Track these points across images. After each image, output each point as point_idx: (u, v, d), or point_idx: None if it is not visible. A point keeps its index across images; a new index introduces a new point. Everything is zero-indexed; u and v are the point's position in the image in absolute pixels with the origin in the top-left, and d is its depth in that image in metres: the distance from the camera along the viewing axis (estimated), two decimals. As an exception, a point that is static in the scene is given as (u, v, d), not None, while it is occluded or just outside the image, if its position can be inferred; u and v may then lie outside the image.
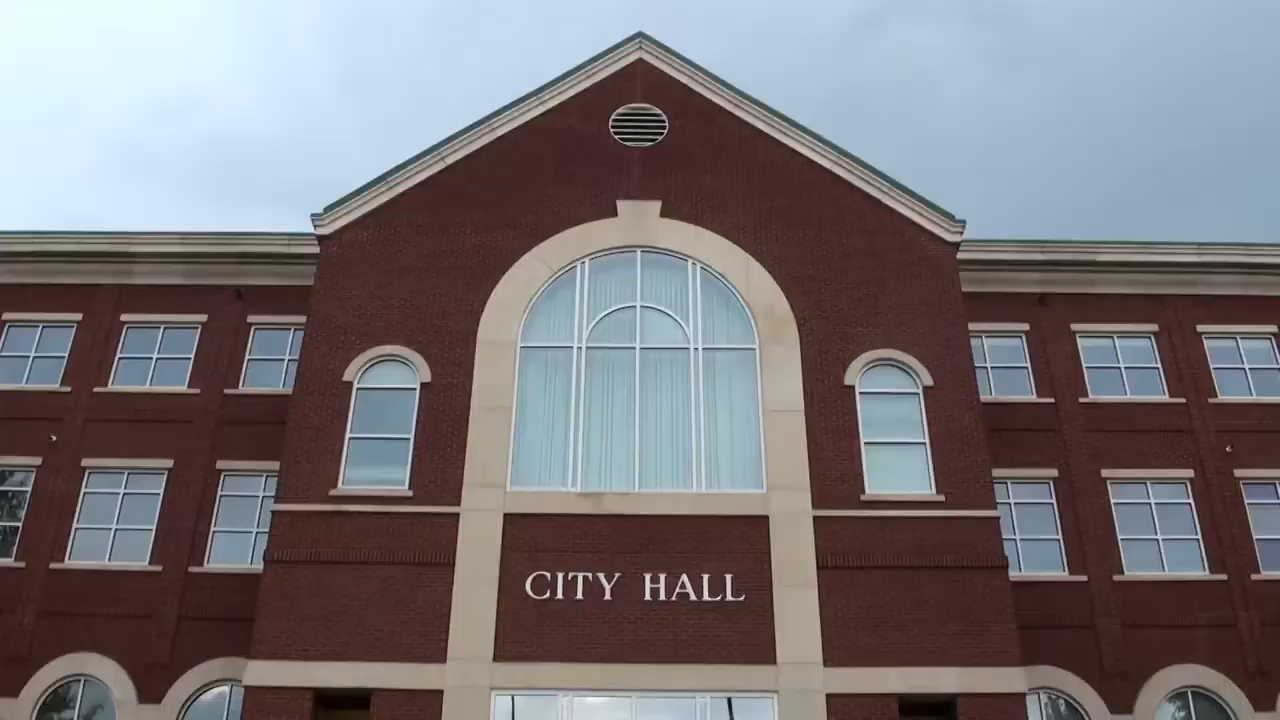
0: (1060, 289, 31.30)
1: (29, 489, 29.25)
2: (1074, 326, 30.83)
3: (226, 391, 30.00)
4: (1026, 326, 30.84)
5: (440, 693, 23.44)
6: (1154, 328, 30.97)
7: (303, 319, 28.18)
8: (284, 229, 31.75)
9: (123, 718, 26.38)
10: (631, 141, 29.73)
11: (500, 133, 29.85)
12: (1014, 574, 25.74)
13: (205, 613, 27.16)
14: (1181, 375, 30.26)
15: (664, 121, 30.01)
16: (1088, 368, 30.43)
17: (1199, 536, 28.45)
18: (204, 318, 31.04)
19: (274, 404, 28.87)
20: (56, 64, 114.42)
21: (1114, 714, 26.27)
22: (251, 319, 31.04)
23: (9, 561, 28.29)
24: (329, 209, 28.35)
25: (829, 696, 23.40)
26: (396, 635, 23.99)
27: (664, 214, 28.57)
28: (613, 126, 29.97)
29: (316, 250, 28.44)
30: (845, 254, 28.05)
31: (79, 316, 31.22)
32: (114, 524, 28.72)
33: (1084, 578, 27.56)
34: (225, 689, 26.56)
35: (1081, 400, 29.78)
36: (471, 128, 29.70)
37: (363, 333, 27.06)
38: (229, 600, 26.79)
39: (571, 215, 28.53)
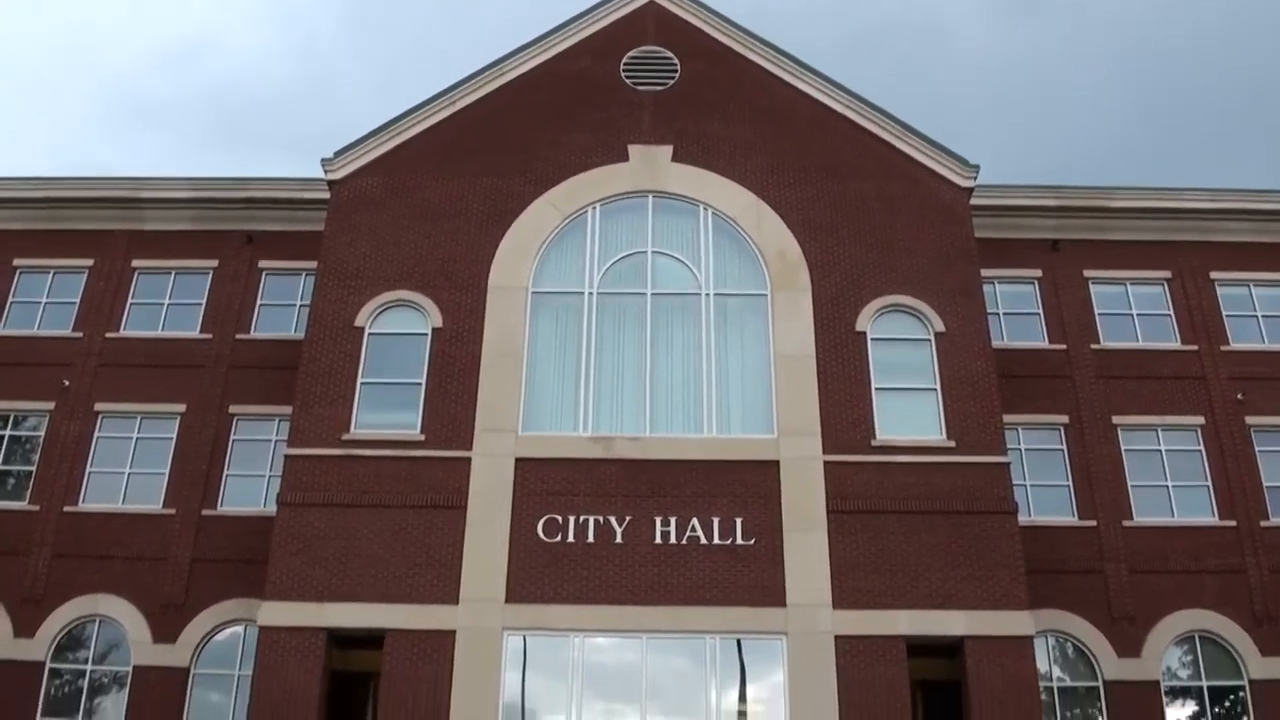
0: (1073, 235, 31.14)
1: (42, 433, 29.41)
2: (1087, 273, 30.71)
3: (238, 337, 30.06)
4: (1039, 273, 30.72)
5: (453, 633, 23.69)
6: (1167, 274, 30.86)
7: (313, 264, 28.20)
8: (294, 174, 31.59)
9: (138, 657, 26.65)
10: (643, 85, 29.54)
11: (510, 77, 29.69)
12: (1023, 519, 25.81)
13: (218, 555, 27.38)
14: (1194, 322, 30.18)
15: (675, 65, 29.80)
16: (1100, 314, 30.34)
17: (1209, 483, 28.49)
18: (215, 263, 31.04)
19: (285, 349, 28.90)
20: (62, 11, 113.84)
21: (1121, 658, 26.44)
22: (262, 264, 31.04)
23: (23, 505, 28.52)
24: (339, 154, 28.28)
25: (837, 638, 23.61)
26: (409, 577, 24.20)
27: (675, 159, 28.44)
28: (624, 70, 29.78)
29: (327, 196, 28.38)
30: (858, 199, 27.93)
31: (90, 262, 31.24)
32: (127, 468, 28.89)
33: (1093, 523, 27.64)
34: (239, 629, 26.82)
35: (1093, 347, 29.72)
36: (481, 72, 29.53)
37: (374, 278, 27.07)
38: (242, 543, 26.98)
39: (582, 160, 28.41)
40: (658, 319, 26.73)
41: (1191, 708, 26.62)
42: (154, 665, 26.59)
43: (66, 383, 29.60)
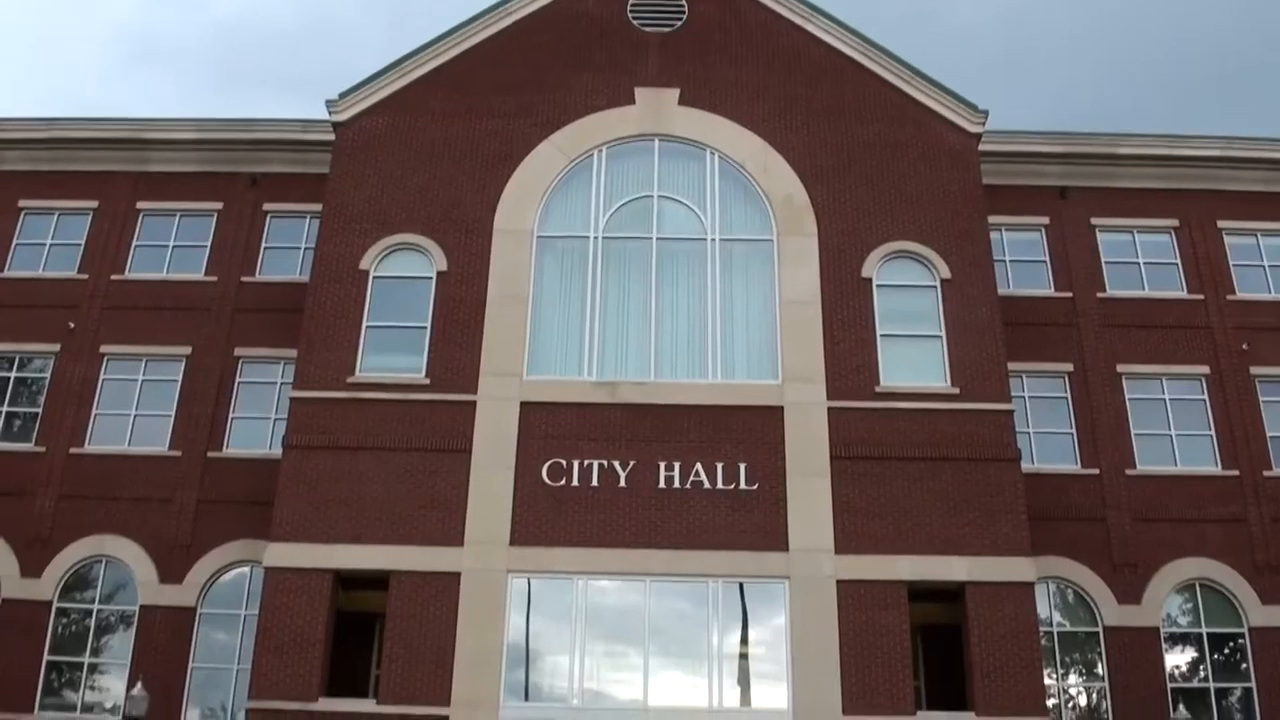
0: (1081, 182, 30.94)
1: (48, 375, 29.43)
2: (1094, 220, 30.53)
3: (243, 279, 29.98)
4: (1046, 220, 30.55)
5: (457, 575, 23.87)
6: (1174, 223, 30.68)
7: (319, 207, 28.10)
8: (299, 116, 31.38)
9: (145, 597, 26.85)
10: (650, 27, 29.28)
11: (516, 17, 29.41)
12: (1026, 467, 25.84)
13: (224, 496, 27.45)
14: (1200, 271, 30.05)
15: (683, 6, 29.51)
16: (1106, 262, 30.19)
17: (1212, 432, 28.48)
18: (220, 205, 30.90)
19: (291, 292, 28.84)
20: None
21: (1121, 604, 26.58)
22: (267, 207, 30.89)
23: (29, 446, 28.59)
24: (344, 95, 28.12)
25: (839, 583, 23.79)
26: (414, 519, 24.34)
27: (682, 102, 28.25)
28: (630, 11, 29.48)
29: (332, 137, 28.24)
30: (865, 144, 27.75)
31: (95, 204, 31.13)
32: (133, 410, 28.94)
33: (1096, 471, 27.69)
34: (245, 570, 26.97)
35: (1099, 295, 29.60)
36: (487, 12, 29.27)
37: (379, 221, 27.00)
38: (248, 485, 27.02)
39: (588, 102, 28.22)
40: (663, 264, 26.69)
41: (1191, 654, 26.80)
42: (161, 605, 26.76)
43: (72, 325, 29.59)
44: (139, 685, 23.07)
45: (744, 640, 24.12)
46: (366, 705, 23.34)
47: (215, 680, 26.34)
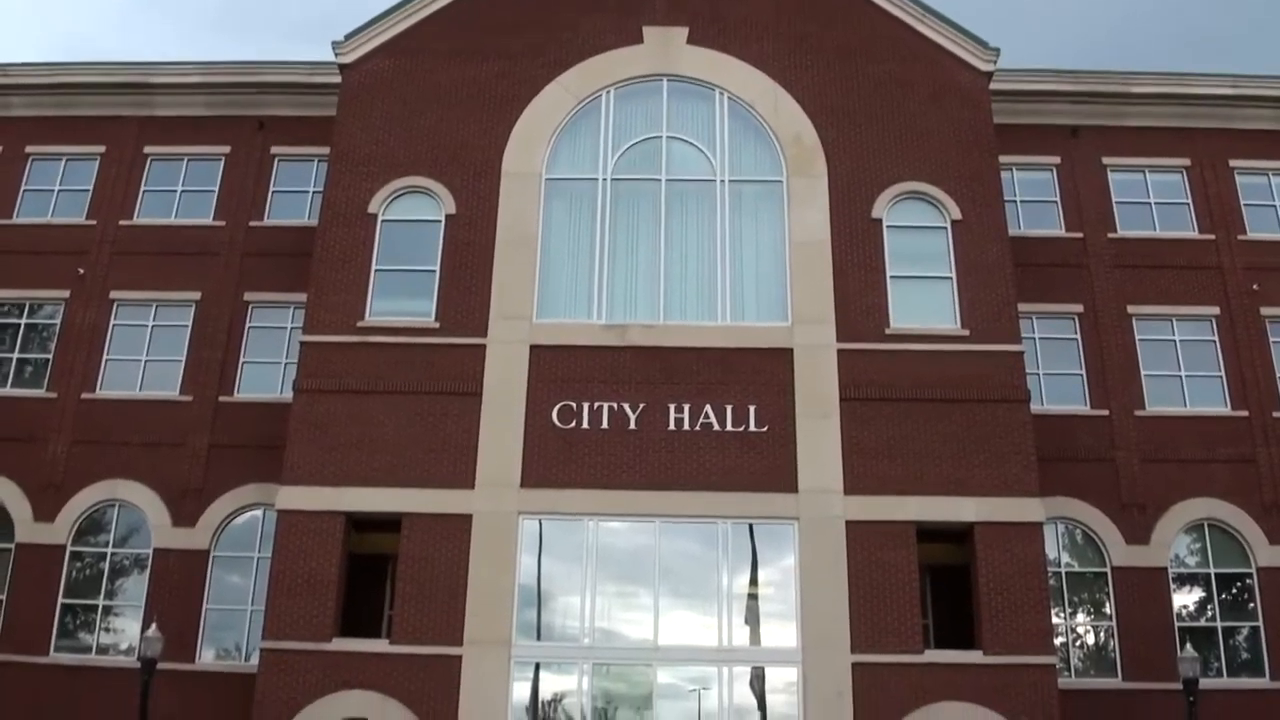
0: (1092, 121, 30.67)
1: (58, 321, 29.49)
2: (1105, 160, 30.31)
3: (251, 224, 29.92)
4: (1057, 159, 30.34)
5: (469, 517, 24.00)
6: (1185, 162, 30.45)
7: (326, 150, 27.97)
8: (305, 58, 31.17)
9: (158, 540, 27.07)
10: (658, -36, 28.89)
11: (523, -43, 29.07)
12: (1035, 408, 25.83)
13: (236, 441, 27.59)
14: (1211, 211, 29.88)
15: (691, -57, 29.11)
16: (1117, 202, 30.01)
17: (1222, 373, 28.46)
18: (227, 149, 30.77)
19: (299, 236, 28.75)
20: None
21: (1129, 544, 26.70)
22: (275, 150, 30.76)
23: (40, 392, 28.71)
24: (350, 36, 27.88)
25: (848, 524, 23.90)
26: (426, 462, 24.44)
27: (691, 41, 27.95)
28: (638, -51, 29.09)
29: (338, 80, 28.05)
30: (876, 83, 27.50)
31: (102, 149, 31.03)
32: (144, 355, 29.01)
33: (1105, 412, 27.70)
34: (258, 513, 27.15)
35: (1110, 235, 29.45)
36: (494, -48, 28.92)
37: (386, 164, 26.89)
38: (259, 429, 27.16)
39: (596, 42, 27.93)
40: (672, 205, 26.58)
41: (1198, 594, 26.95)
42: (174, 548, 26.99)
43: (81, 271, 29.61)
44: (153, 627, 23.25)
45: (753, 580, 24.27)
46: (379, 645, 23.55)
47: (229, 622, 26.63)
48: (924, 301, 25.74)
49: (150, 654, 22.68)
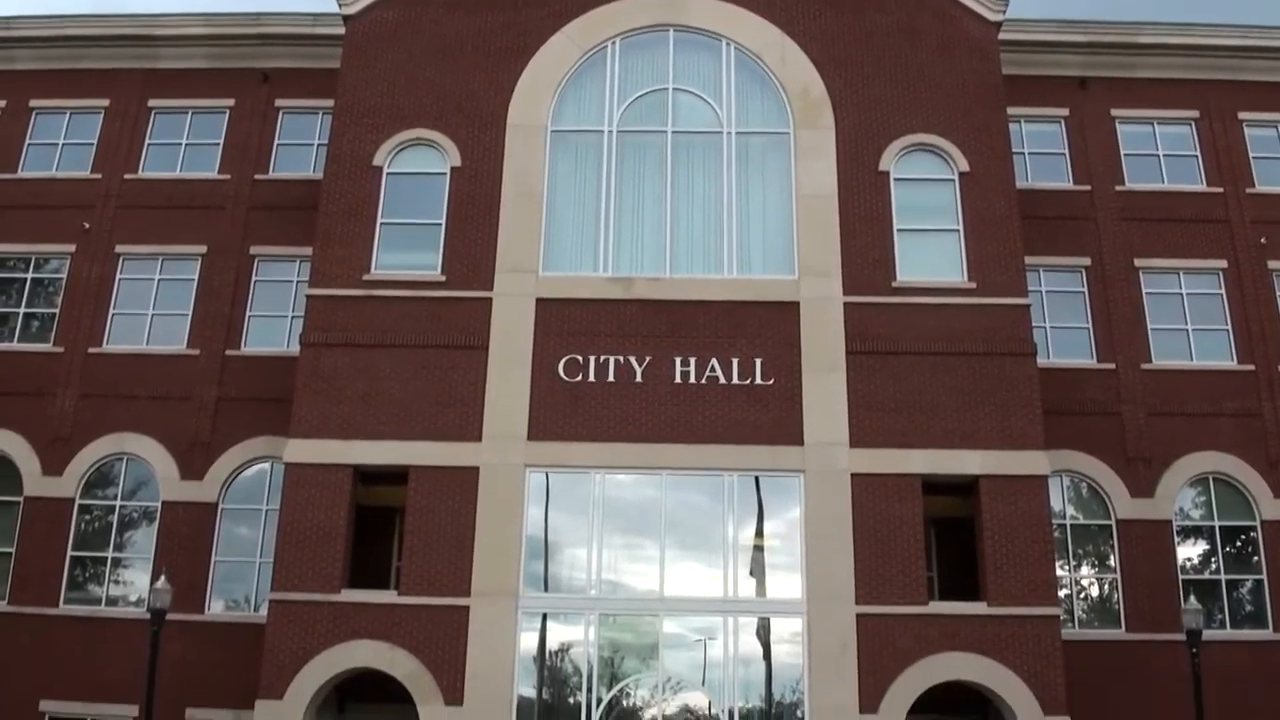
0: (1101, 73, 30.33)
1: (64, 276, 29.44)
2: (1114, 112, 30.01)
3: (257, 177, 29.75)
4: (1066, 111, 30.04)
5: (476, 469, 24.11)
6: (1194, 114, 30.17)
7: (330, 102, 27.80)
8: (309, 9, 30.90)
9: (166, 493, 27.17)
10: (663, -90, 28.54)
11: (528, -96, 28.75)
12: (1042, 361, 25.79)
13: (243, 394, 27.62)
14: (1220, 164, 29.66)
15: (697, -111, 28.76)
16: (1126, 155, 29.77)
17: (1229, 327, 28.36)
18: (231, 102, 30.56)
19: (305, 189, 28.62)
20: None
21: (1135, 498, 26.74)
22: (279, 103, 30.53)
23: (47, 347, 28.73)
24: (353, -13, 27.68)
25: (854, 476, 23.99)
26: (432, 415, 24.52)
27: (698, -10, 27.65)
28: (644, -106, 28.73)
29: (342, 31, 27.81)
30: (884, 33, 27.23)
31: (106, 102, 30.85)
32: (150, 309, 28.99)
33: (1112, 365, 27.66)
34: (266, 466, 27.23)
35: (1118, 188, 29.25)
36: (499, -101, 28.60)
37: (391, 116, 26.77)
38: (267, 382, 27.17)
39: (601, -9, 27.66)
40: (678, 158, 26.47)
41: (1203, 546, 27.03)
42: (182, 501, 27.10)
43: (87, 225, 29.54)
44: (162, 578, 23.39)
45: (759, 533, 24.40)
46: (387, 596, 23.73)
47: (238, 573, 26.79)
48: (931, 254, 25.68)
49: (159, 605, 22.84)
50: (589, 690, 23.27)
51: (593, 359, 24.88)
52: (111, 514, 27.55)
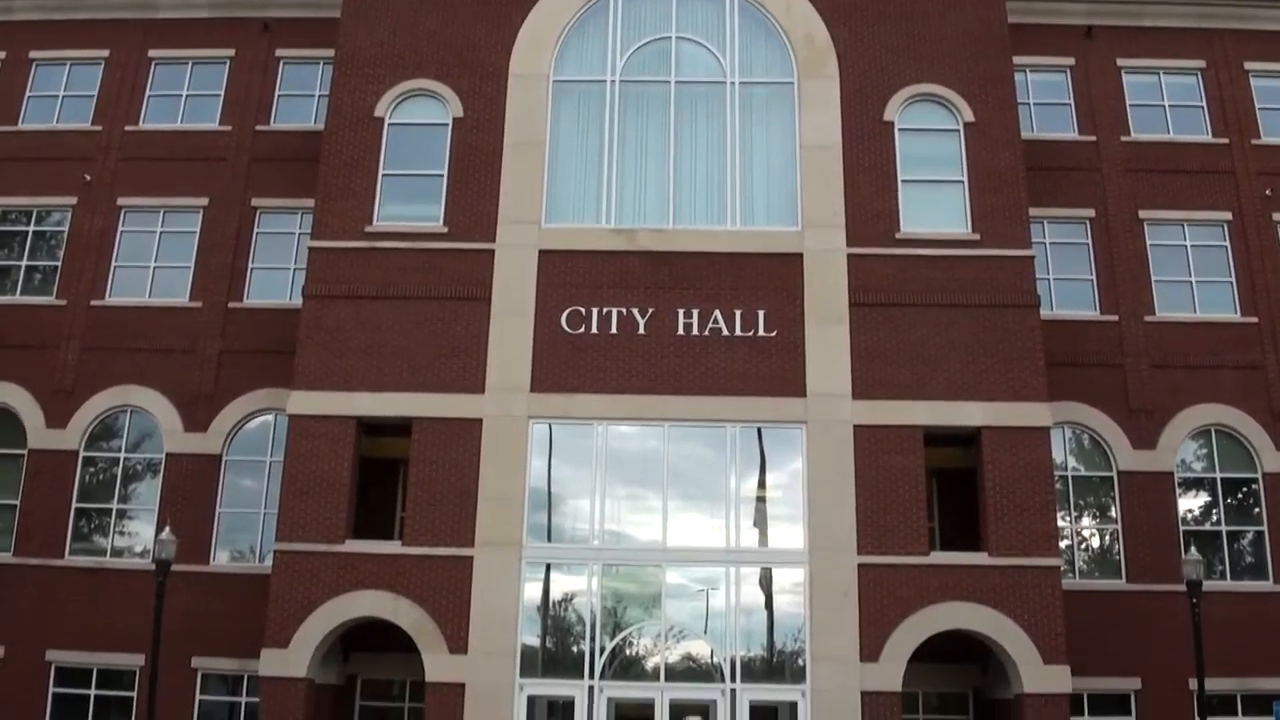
0: (1107, 21, 29.96)
1: (66, 228, 29.35)
2: (1120, 62, 29.70)
3: (258, 128, 29.55)
4: (1071, 61, 29.73)
5: (479, 421, 24.17)
6: (1201, 64, 29.85)
7: (331, 52, 27.66)
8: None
9: (170, 445, 27.22)
10: None
11: None
12: (1045, 313, 25.86)
13: (246, 346, 27.60)
14: (1226, 115, 29.42)
15: None
16: (1131, 105, 29.49)
17: (1233, 279, 28.25)
18: (231, 52, 30.27)
19: (306, 140, 28.54)
20: None
21: (1136, 449, 26.75)
22: (280, 53, 30.24)
23: (50, 299, 28.67)
24: (353, -65, 27.41)
25: (856, 428, 24.04)
26: (435, 367, 24.56)
27: (701, -63, 27.39)
28: None
29: (342, -20, 27.63)
30: (890, -21, 26.98)
31: (106, 53, 30.63)
32: (152, 261, 28.90)
33: (1115, 317, 27.58)
34: (269, 418, 27.25)
35: (1123, 139, 29.05)
36: None
37: (392, 66, 26.63)
38: (269, 335, 27.19)
39: (605, -62, 27.44)
40: (682, 108, 26.33)
41: (1204, 498, 27.06)
42: (186, 453, 27.15)
43: (88, 177, 29.43)
44: (167, 530, 23.45)
45: (762, 484, 24.46)
46: (392, 547, 23.84)
47: (243, 524, 26.87)
48: (935, 205, 25.61)
49: (164, 556, 22.93)
50: (592, 639, 23.44)
51: (595, 311, 24.86)
52: (115, 466, 27.60)
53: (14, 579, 26.43)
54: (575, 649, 23.53)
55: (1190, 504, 26.98)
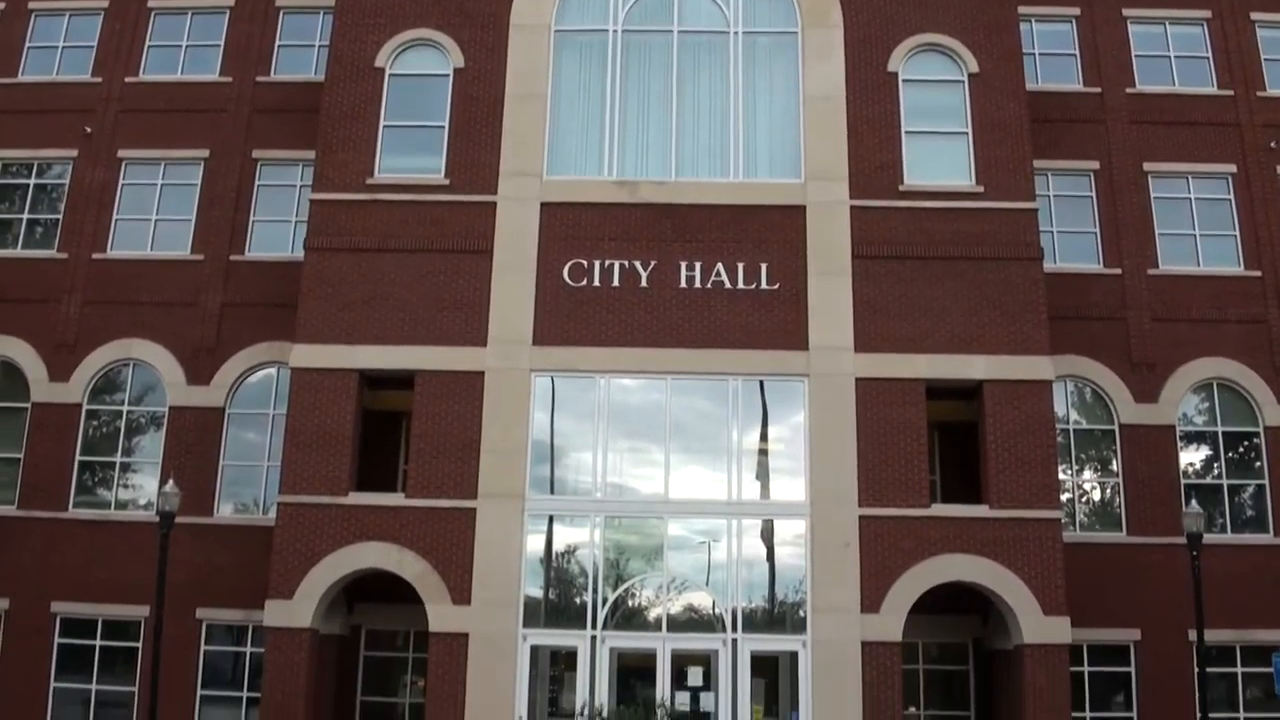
0: (1114, -31, 29.79)
1: (66, 181, 29.23)
2: (1125, 12, 29.37)
3: (258, 79, 29.26)
4: (1077, 11, 29.34)
5: (481, 374, 24.22)
6: (1206, 14, 29.44)
7: (332, 1, 27.42)
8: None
9: (173, 398, 27.23)
10: None
11: None
12: (1048, 265, 25.70)
13: (248, 299, 27.52)
14: (1231, 66, 29.14)
15: None
16: (1137, 56, 29.18)
17: (1237, 232, 28.09)
18: (231, 2, 29.91)
19: (307, 91, 28.23)
20: None
21: (1138, 403, 26.72)
22: (280, 2, 29.79)
23: (51, 253, 28.60)
24: (353, -117, 27.10)
25: (859, 380, 24.08)
26: (438, 320, 24.57)
27: (704, -118, 27.11)
28: None
29: (341, -72, 27.33)
30: (892, -73, 26.69)
31: (105, 3, 30.28)
32: (153, 214, 28.79)
33: (1118, 271, 27.45)
34: (272, 371, 27.23)
35: (1128, 91, 28.79)
36: None
37: (393, 15, 26.43)
38: (271, 288, 27.10)
39: (606, -117, 27.06)
40: (684, 58, 26.14)
41: (1205, 452, 27.10)
42: (189, 406, 27.16)
43: (88, 129, 29.25)
44: (170, 482, 23.52)
45: (764, 436, 24.51)
46: (395, 499, 23.94)
47: (246, 477, 26.96)
48: (938, 157, 25.48)
49: (168, 508, 23.01)
50: (594, 590, 23.58)
51: (597, 263, 24.82)
52: (119, 419, 27.64)
53: (18, 532, 26.54)
54: (578, 600, 23.68)
55: (1191, 457, 27.01)
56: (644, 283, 24.71)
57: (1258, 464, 26.81)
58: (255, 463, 26.94)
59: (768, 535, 24.01)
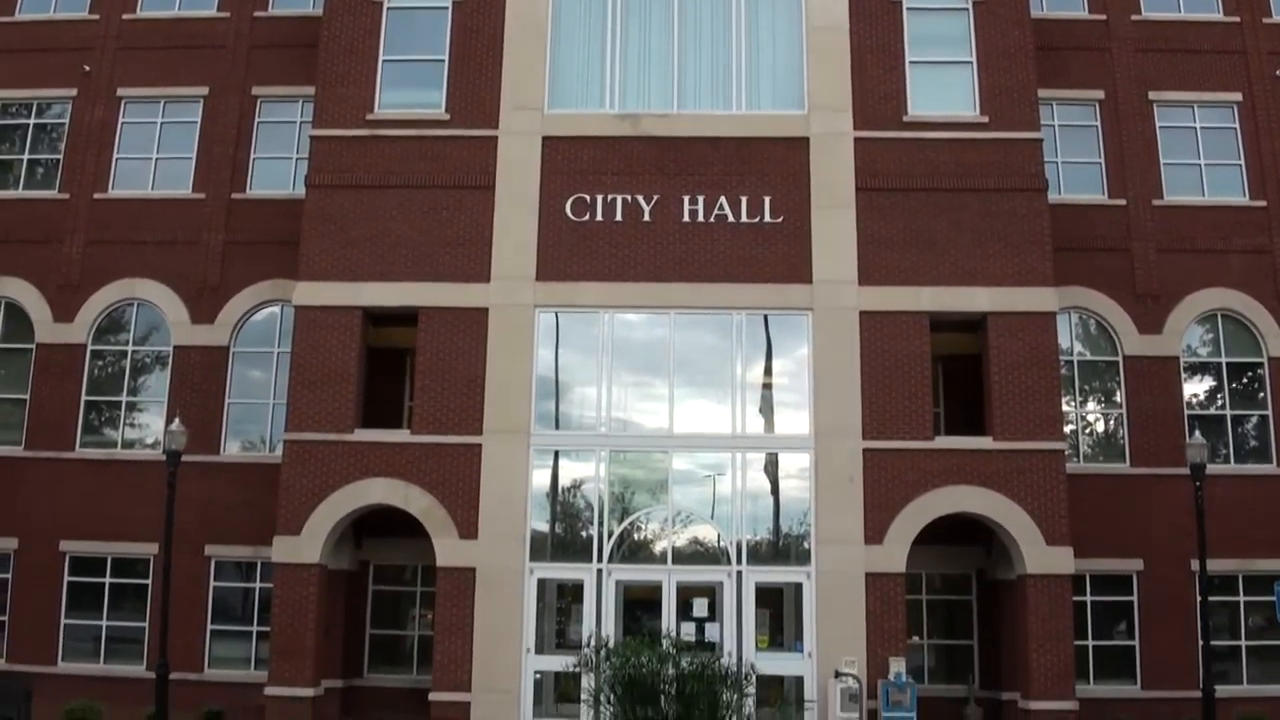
0: (1119, -108, 29.30)
1: (66, 121, 29.03)
2: (1132, -64, 29.09)
3: (257, 15, 28.87)
4: (1083, -67, 29.11)
5: (485, 310, 24.24)
6: (1212, -62, 29.16)
7: (328, -65, 27.10)
8: None
9: (178, 337, 27.25)
10: None
11: None
12: (1053, 197, 25.50)
13: (251, 237, 27.39)
14: (1237, -10, 28.78)
15: None
16: (1142, -19, 28.92)
17: (1242, 162, 27.84)
18: (226, -65, 29.74)
19: (306, 25, 27.84)
20: None
21: (1142, 334, 26.66)
22: (276, -65, 29.65)
23: (52, 193, 28.48)
24: None
25: (862, 314, 24.09)
26: (440, 256, 24.54)
27: None
28: None
29: None
30: None
31: (100, -59, 30.06)
32: (154, 153, 28.61)
33: (1122, 201, 27.27)
34: (276, 309, 27.18)
35: (1133, 18, 28.37)
36: None
37: (391, -54, 26.12)
38: (274, 225, 26.91)
39: None
40: (686, -12, 25.86)
41: (1209, 383, 27.09)
42: (194, 345, 27.17)
43: (87, 68, 28.97)
44: (176, 421, 23.66)
45: (768, 371, 24.58)
46: (400, 435, 24.06)
47: (252, 415, 27.05)
48: (943, 87, 25.26)
49: (174, 446, 23.17)
50: (600, 524, 23.74)
51: (600, 198, 24.73)
52: (124, 359, 27.68)
53: (26, 472, 26.69)
54: (584, 533, 23.86)
55: (1195, 388, 27.01)
56: (647, 217, 24.63)
57: (1261, 395, 26.81)
58: (261, 400, 27.01)
59: (772, 468, 24.13)
